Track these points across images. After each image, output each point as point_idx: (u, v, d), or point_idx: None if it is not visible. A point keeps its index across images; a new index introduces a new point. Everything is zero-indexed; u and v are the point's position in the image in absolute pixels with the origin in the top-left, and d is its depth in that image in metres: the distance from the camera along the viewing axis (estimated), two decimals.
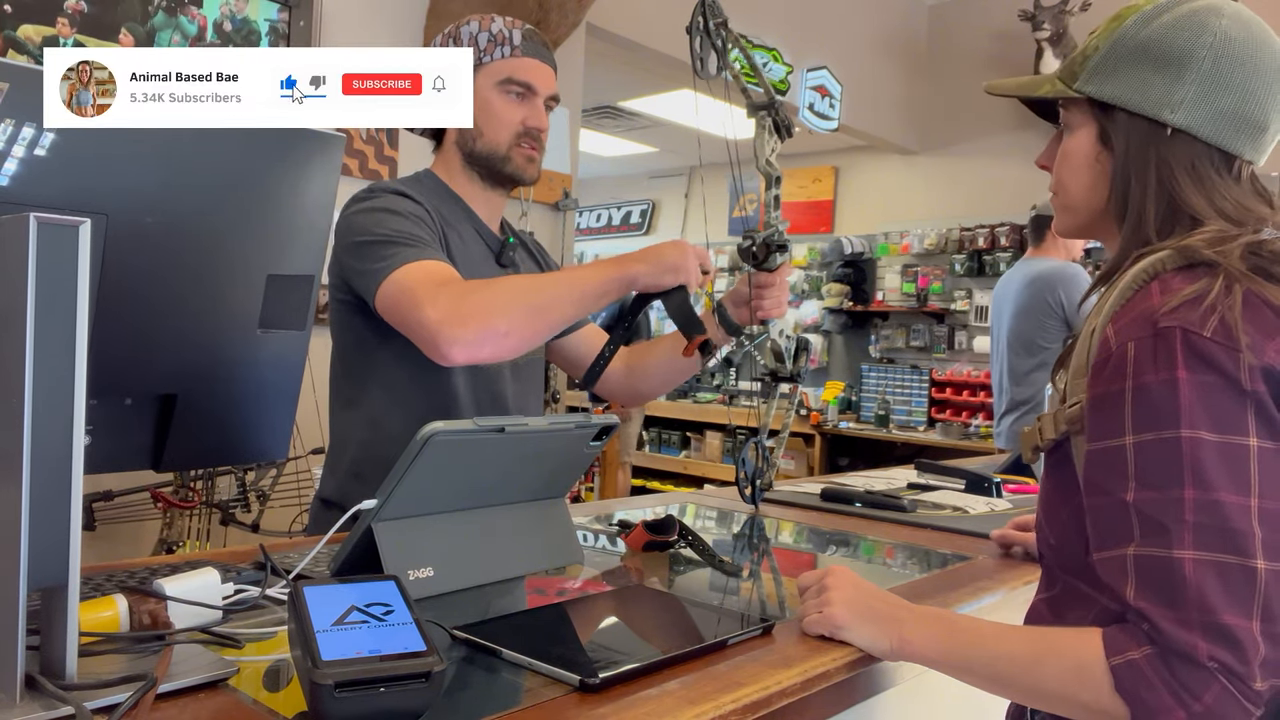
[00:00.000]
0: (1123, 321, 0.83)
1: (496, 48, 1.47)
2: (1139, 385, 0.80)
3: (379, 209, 1.37)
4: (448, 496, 1.05)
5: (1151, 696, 0.75)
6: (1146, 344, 0.80)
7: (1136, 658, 0.76)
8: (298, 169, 1.01)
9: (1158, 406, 0.78)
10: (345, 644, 0.71)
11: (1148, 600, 0.77)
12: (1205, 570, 0.75)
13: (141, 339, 0.94)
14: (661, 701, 0.76)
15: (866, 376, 6.38)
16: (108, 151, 0.86)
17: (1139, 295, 0.84)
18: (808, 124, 5.27)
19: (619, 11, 4.08)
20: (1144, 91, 0.89)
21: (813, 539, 1.52)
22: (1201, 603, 0.74)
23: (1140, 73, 0.89)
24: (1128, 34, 0.91)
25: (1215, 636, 0.74)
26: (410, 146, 3.31)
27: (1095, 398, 0.84)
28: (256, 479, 2.68)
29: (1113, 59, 0.91)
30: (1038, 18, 5.10)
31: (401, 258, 1.30)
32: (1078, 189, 0.96)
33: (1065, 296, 3.38)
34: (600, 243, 8.76)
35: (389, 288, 1.29)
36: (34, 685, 0.68)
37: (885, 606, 0.94)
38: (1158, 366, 0.79)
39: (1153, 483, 0.78)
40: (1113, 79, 0.91)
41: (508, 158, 1.49)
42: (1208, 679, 0.74)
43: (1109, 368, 0.82)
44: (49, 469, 0.67)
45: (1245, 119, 0.87)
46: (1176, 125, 0.87)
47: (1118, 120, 0.91)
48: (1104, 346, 0.84)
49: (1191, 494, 0.76)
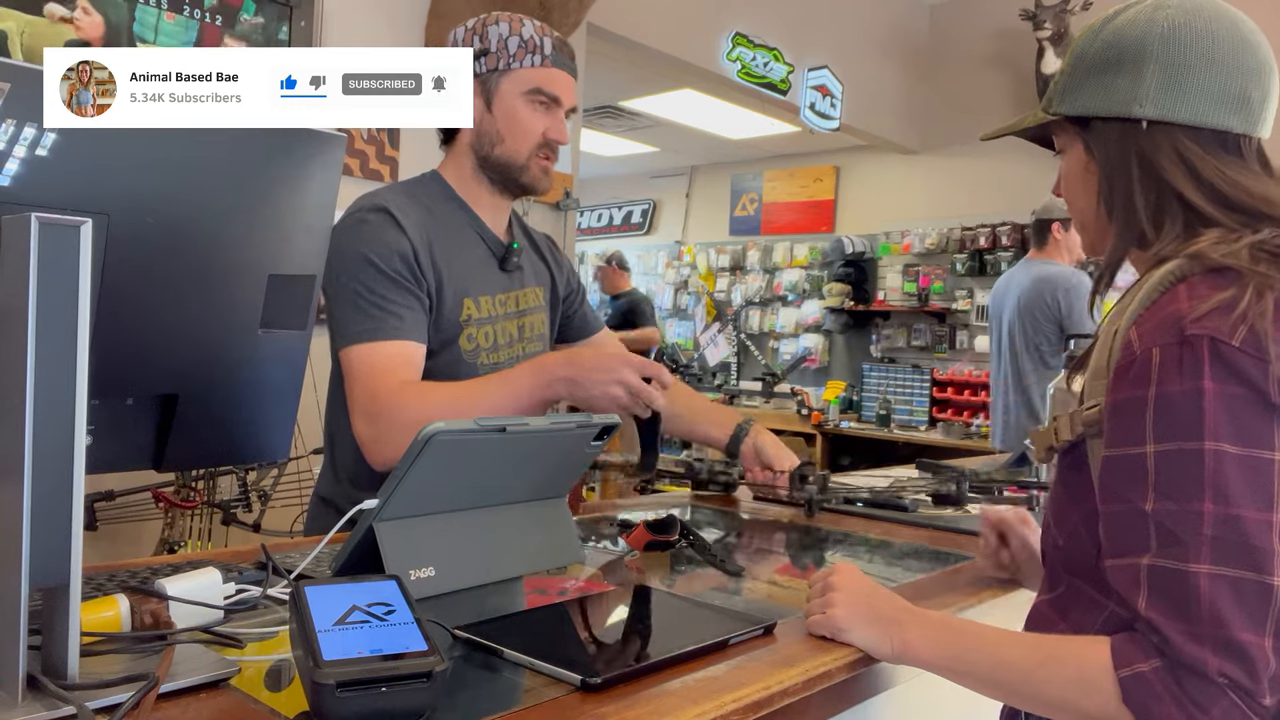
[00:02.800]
0: (1147, 325, 0.81)
1: (527, 55, 1.44)
2: (1162, 393, 0.78)
3: (366, 258, 1.35)
4: (449, 496, 1.05)
5: (1159, 709, 0.74)
6: (1172, 351, 0.78)
7: (1145, 670, 0.76)
8: (299, 169, 1.01)
9: (1181, 416, 0.77)
10: (347, 644, 0.71)
11: (1159, 612, 0.76)
12: (1221, 585, 0.74)
13: (143, 339, 0.94)
14: (662, 701, 0.76)
15: (868, 376, 6.38)
16: (109, 152, 0.85)
17: (1165, 298, 0.82)
18: (809, 123, 5.27)
19: (620, 11, 4.08)
20: (1109, 95, 0.90)
21: (813, 538, 1.52)
22: (1215, 618, 0.74)
23: (1102, 79, 0.91)
24: (1083, 50, 0.93)
25: (1227, 652, 0.73)
26: (411, 147, 3.31)
27: (1116, 403, 0.82)
28: (258, 479, 2.69)
29: (1076, 76, 0.94)
30: (1039, 17, 5.09)
31: (363, 331, 1.33)
32: (1081, 205, 0.97)
33: (1064, 302, 3.39)
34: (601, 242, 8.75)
35: (342, 360, 1.36)
36: (36, 685, 0.68)
37: (888, 609, 0.93)
38: (1183, 375, 0.77)
39: (1172, 494, 0.77)
40: (1080, 93, 0.93)
41: (525, 167, 1.47)
42: (1216, 694, 0.73)
43: (1132, 373, 0.81)
44: (50, 469, 0.67)
45: (1219, 92, 0.87)
46: (1149, 117, 0.88)
47: (1095, 129, 0.93)
48: (1127, 350, 0.82)
49: (1211, 508, 0.75)
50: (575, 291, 1.72)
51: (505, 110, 1.45)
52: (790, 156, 7.52)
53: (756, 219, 7.86)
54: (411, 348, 1.36)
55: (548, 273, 1.66)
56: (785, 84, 5.04)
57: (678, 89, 5.63)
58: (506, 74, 1.44)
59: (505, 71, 1.44)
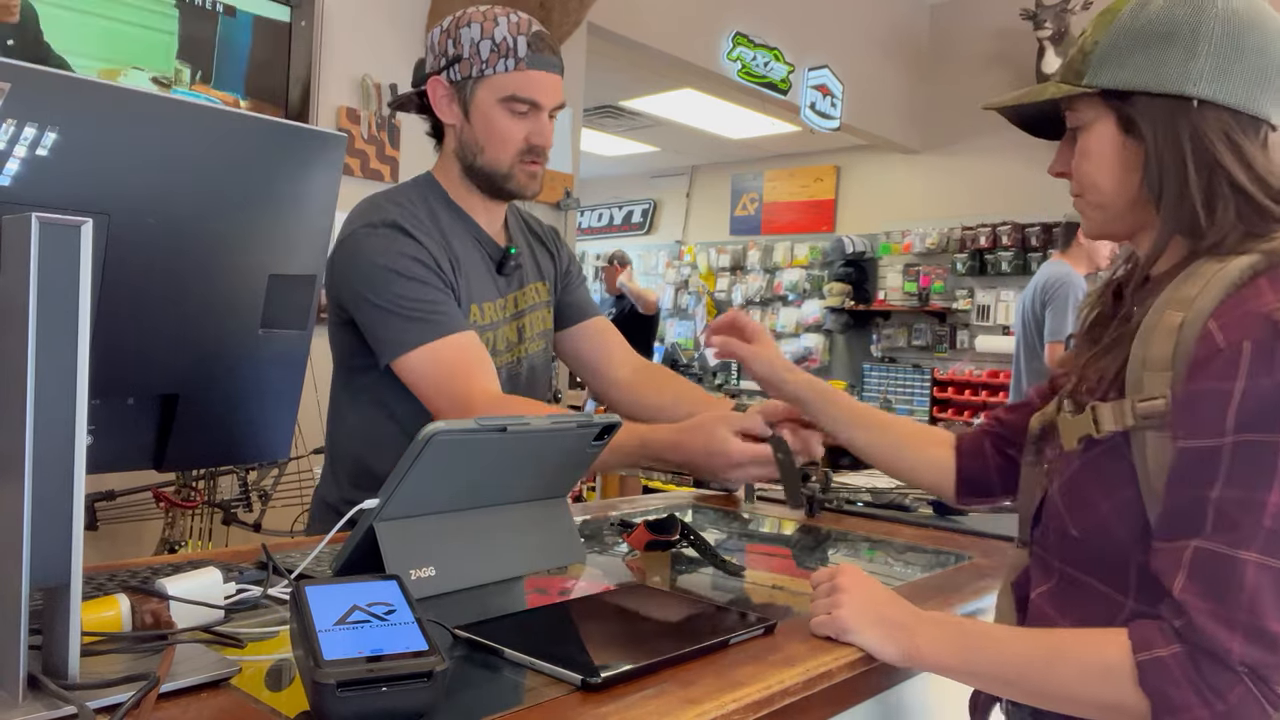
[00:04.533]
0: (1230, 317, 0.80)
1: (500, 59, 1.37)
2: (1253, 385, 0.77)
3: (388, 269, 1.33)
4: (449, 496, 1.05)
5: (1176, 693, 0.75)
6: (1265, 344, 0.77)
7: (1164, 655, 0.76)
8: (299, 169, 1.00)
9: (1268, 408, 0.77)
10: (347, 643, 0.71)
11: (1193, 593, 0.76)
12: (1266, 576, 0.74)
13: (143, 339, 0.94)
14: (663, 701, 0.76)
15: (868, 376, 6.39)
16: (109, 151, 0.85)
17: (1247, 291, 0.81)
18: (809, 123, 5.27)
19: (620, 11, 4.08)
20: (1160, 70, 0.87)
21: (814, 538, 1.52)
22: (1254, 606, 0.74)
23: (1151, 54, 0.87)
24: (1127, 22, 0.90)
25: (1258, 640, 0.74)
26: (411, 147, 3.32)
27: (1195, 393, 0.80)
28: (258, 479, 2.69)
29: (1118, 48, 0.90)
30: (1039, 16, 5.10)
31: (416, 337, 1.31)
32: (1109, 183, 0.93)
33: (1043, 300, 3.54)
34: (602, 242, 8.75)
35: (404, 368, 1.33)
36: (36, 685, 0.68)
37: (895, 612, 0.93)
38: (1274, 368, 0.77)
39: (1240, 482, 0.77)
40: (1124, 66, 0.89)
41: (510, 175, 1.43)
42: (1234, 680, 0.74)
43: (1216, 365, 0.79)
44: (51, 469, 0.67)
45: (1268, 79, 0.86)
46: (1201, 97, 0.86)
47: (1138, 105, 0.89)
48: (1208, 342, 0.80)
49: (1276, 499, 0.75)
50: (572, 276, 1.70)
51: (482, 119, 1.40)
52: (791, 156, 7.53)
53: (757, 219, 7.86)
54: (470, 337, 1.35)
55: (551, 265, 1.65)
56: (786, 84, 5.04)
57: (678, 89, 5.64)
58: (481, 81, 1.39)
59: (479, 79, 1.39)
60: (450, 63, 1.40)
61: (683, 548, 1.31)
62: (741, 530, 1.57)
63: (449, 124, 1.45)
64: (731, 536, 1.52)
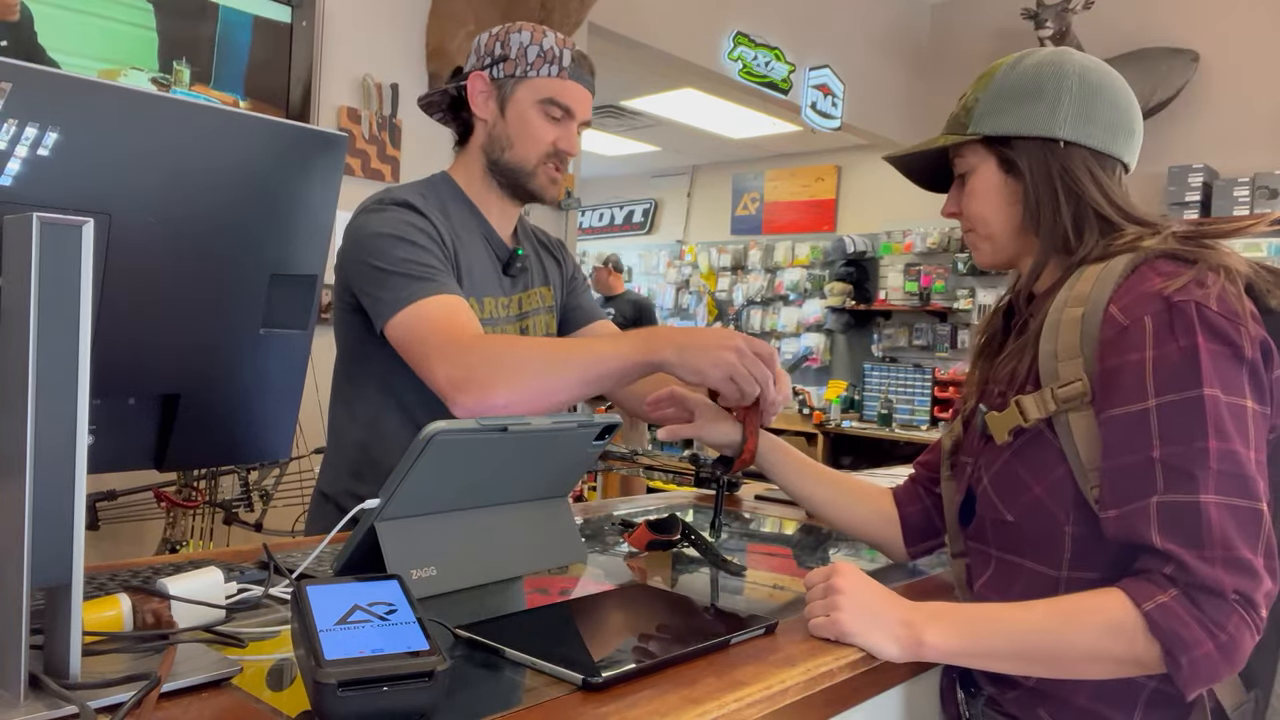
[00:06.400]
0: (1127, 300, 0.93)
1: (545, 64, 1.45)
2: (1161, 353, 0.89)
3: (392, 235, 1.35)
4: (450, 496, 1.05)
5: (1186, 632, 0.83)
6: (1163, 317, 0.90)
7: (1166, 600, 0.84)
8: (300, 169, 1.01)
9: (1180, 370, 0.88)
10: (348, 643, 0.71)
11: (1175, 542, 0.85)
12: (1225, 512, 0.84)
13: (144, 338, 0.94)
14: (664, 701, 0.76)
15: (869, 375, 6.38)
16: (110, 151, 0.85)
17: (1134, 278, 0.94)
18: (810, 123, 5.27)
19: (621, 11, 4.08)
20: (1033, 117, 1.04)
21: (815, 537, 1.52)
22: (1225, 541, 0.83)
23: (1024, 105, 1.04)
24: (1002, 80, 1.07)
25: (1237, 569, 0.83)
26: (412, 146, 3.32)
27: (1112, 368, 0.92)
28: (260, 478, 2.69)
29: (996, 102, 1.06)
30: (1040, 16, 5.09)
31: (412, 293, 1.30)
32: (994, 216, 1.08)
33: None
34: (602, 242, 8.76)
35: (399, 325, 1.31)
36: (38, 684, 0.68)
37: (895, 611, 0.94)
38: (1176, 335, 0.89)
39: (1178, 438, 0.87)
40: (1002, 115, 1.05)
41: (533, 174, 1.48)
42: (1229, 611, 0.83)
43: (1125, 340, 0.91)
44: (52, 468, 0.67)
45: (1119, 125, 1.04)
46: (1067, 138, 1.03)
47: (1016, 147, 1.05)
48: (1112, 323, 0.93)
49: (1215, 444, 0.86)
50: (578, 282, 1.72)
51: (518, 116, 1.46)
52: (791, 156, 7.53)
53: (758, 218, 7.86)
54: (461, 301, 1.33)
55: (558, 271, 1.67)
56: (786, 83, 5.04)
57: (679, 88, 5.63)
58: (523, 81, 1.46)
59: (521, 79, 1.46)
60: (495, 61, 1.47)
61: (684, 547, 1.31)
62: (742, 530, 1.57)
63: (481, 119, 1.49)
64: (732, 536, 1.52)
